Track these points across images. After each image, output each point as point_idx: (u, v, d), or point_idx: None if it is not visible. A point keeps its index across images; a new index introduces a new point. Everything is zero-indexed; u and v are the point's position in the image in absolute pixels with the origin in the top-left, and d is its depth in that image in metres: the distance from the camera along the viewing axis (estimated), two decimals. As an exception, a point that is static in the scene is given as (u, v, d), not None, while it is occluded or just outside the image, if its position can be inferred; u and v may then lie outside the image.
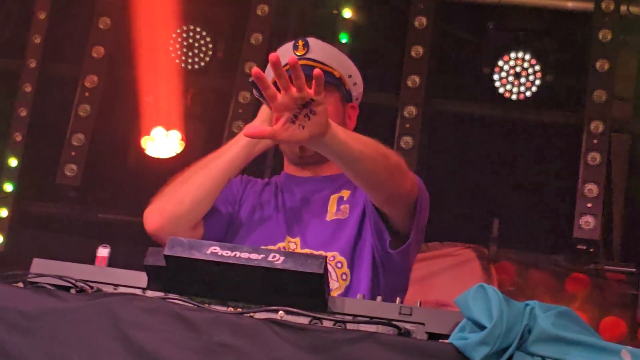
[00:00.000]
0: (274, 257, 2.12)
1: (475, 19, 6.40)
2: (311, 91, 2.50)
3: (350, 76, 3.22)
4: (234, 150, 3.08)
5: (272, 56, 2.47)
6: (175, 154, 6.33)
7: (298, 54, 3.07)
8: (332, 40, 6.31)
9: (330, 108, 2.74)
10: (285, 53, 3.07)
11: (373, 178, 2.82)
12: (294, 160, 3.22)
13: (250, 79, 2.80)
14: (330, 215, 3.11)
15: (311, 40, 3.13)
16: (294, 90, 2.49)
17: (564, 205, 5.91)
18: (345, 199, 3.15)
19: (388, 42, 6.33)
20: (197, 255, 2.14)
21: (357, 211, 3.09)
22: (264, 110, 3.10)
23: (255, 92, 2.93)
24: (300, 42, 3.10)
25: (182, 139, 6.36)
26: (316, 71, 2.48)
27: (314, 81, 2.49)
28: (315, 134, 2.56)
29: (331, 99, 3.09)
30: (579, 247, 5.76)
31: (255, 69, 2.48)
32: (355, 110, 3.30)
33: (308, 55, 3.08)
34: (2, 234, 6.55)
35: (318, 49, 3.13)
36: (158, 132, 6.35)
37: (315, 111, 2.53)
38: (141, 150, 6.43)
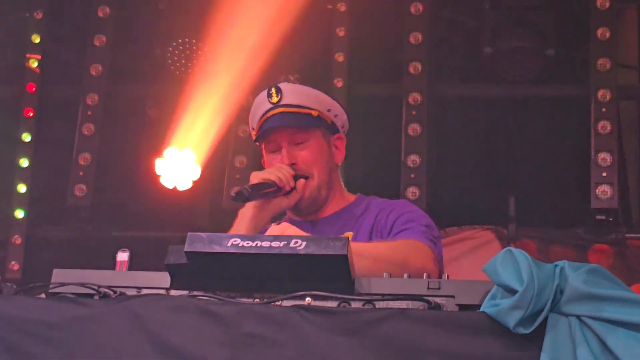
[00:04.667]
0: (296, 242, 2.10)
1: (471, 0, 6.36)
2: None
3: (329, 110, 3.29)
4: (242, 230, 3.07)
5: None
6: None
7: (272, 102, 3.18)
8: (329, 35, 6.27)
9: (314, 147, 3.09)
10: (262, 103, 3.21)
11: None
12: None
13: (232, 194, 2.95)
14: None
15: (283, 86, 3.21)
16: None
17: (579, 178, 5.86)
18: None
19: (386, 31, 6.28)
20: (217, 248, 2.12)
21: None
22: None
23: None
24: (273, 90, 3.19)
25: (196, 160, 6.15)
26: None
27: None
28: None
29: (313, 138, 3.21)
30: (598, 217, 5.71)
31: None
32: (342, 140, 3.36)
33: (282, 102, 3.17)
34: (18, 261, 6.51)
35: (291, 92, 3.20)
36: (171, 152, 6.17)
37: None
38: (150, 165, 6.34)
